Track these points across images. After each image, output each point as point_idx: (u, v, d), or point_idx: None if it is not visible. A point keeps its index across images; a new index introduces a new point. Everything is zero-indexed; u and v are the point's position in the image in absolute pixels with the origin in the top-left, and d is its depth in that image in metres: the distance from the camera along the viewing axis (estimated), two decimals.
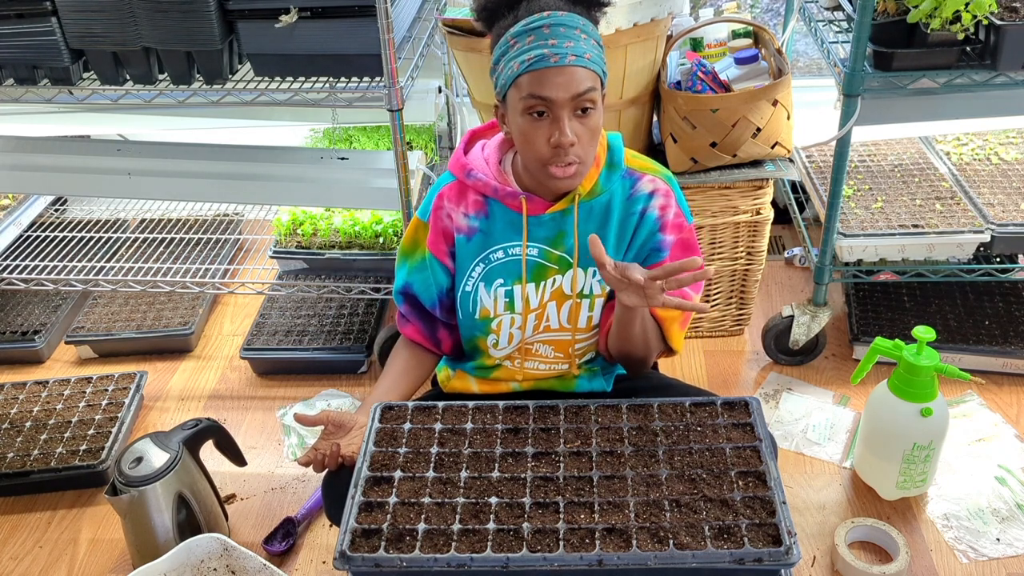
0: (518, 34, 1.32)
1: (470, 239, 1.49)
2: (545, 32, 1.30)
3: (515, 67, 1.31)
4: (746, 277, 2.31)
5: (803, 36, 2.94)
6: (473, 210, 1.48)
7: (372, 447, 1.35)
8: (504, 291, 1.49)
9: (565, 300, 1.50)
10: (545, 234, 1.46)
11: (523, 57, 1.30)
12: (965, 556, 1.74)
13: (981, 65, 1.85)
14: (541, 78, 1.30)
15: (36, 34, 1.89)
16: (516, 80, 1.32)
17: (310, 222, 2.59)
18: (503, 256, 1.48)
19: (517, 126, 1.35)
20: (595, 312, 1.51)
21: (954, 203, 2.23)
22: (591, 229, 1.46)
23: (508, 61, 1.32)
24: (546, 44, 1.30)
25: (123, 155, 2.34)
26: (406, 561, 1.17)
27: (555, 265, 1.48)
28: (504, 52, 1.33)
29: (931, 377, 1.73)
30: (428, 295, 1.55)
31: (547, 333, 1.54)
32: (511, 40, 1.32)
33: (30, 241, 2.70)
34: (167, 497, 1.72)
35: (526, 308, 1.50)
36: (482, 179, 1.46)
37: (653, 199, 1.46)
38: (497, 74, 1.36)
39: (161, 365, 2.45)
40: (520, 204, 1.44)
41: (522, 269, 1.48)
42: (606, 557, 1.16)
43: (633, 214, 1.47)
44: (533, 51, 1.30)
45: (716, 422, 1.37)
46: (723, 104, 2.02)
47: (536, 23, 1.31)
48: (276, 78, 1.99)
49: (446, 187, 1.51)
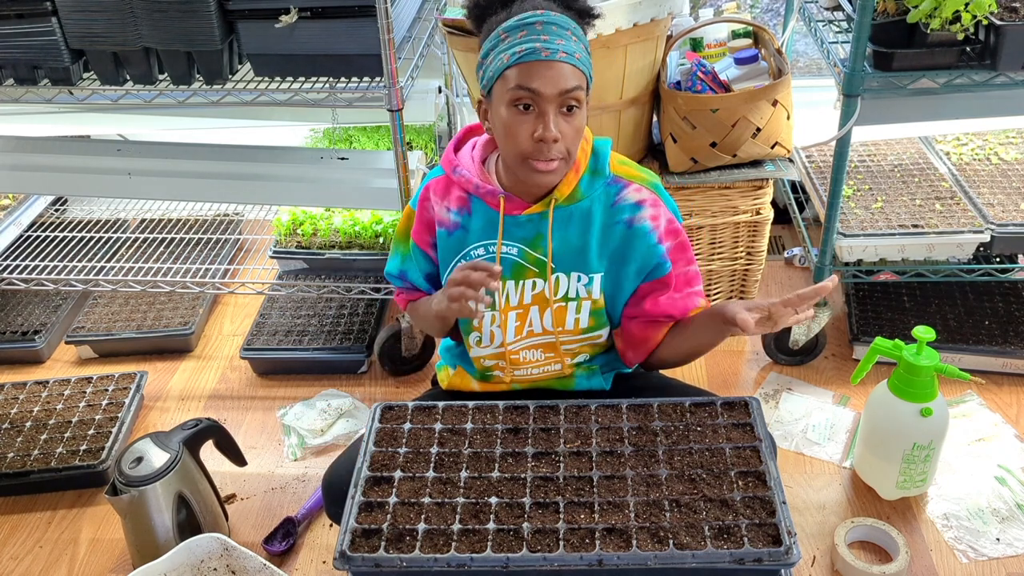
0: (510, 28, 1.32)
1: (451, 234, 1.50)
2: (538, 28, 1.31)
3: (504, 59, 1.31)
4: (746, 277, 2.31)
5: (803, 36, 2.94)
6: (456, 205, 1.49)
7: (372, 447, 1.35)
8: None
9: (547, 306, 1.50)
10: (523, 235, 1.46)
11: (514, 49, 1.31)
12: (965, 556, 1.74)
13: (981, 65, 1.85)
14: (530, 70, 1.30)
15: (36, 34, 1.89)
16: (504, 72, 1.32)
17: (310, 222, 2.59)
18: (484, 253, 1.49)
19: (501, 119, 1.34)
20: (583, 315, 1.51)
21: (954, 203, 2.23)
22: (571, 235, 1.45)
23: (498, 54, 1.33)
24: (538, 39, 1.30)
25: (123, 155, 2.34)
26: (406, 561, 1.17)
27: (533, 267, 1.48)
28: (494, 45, 1.34)
29: (931, 377, 1.73)
30: (420, 281, 1.60)
31: (530, 338, 1.54)
32: (502, 34, 1.33)
33: (30, 241, 2.70)
34: (167, 497, 1.72)
35: (507, 306, 1.50)
36: (465, 175, 1.47)
37: (641, 210, 1.44)
38: (484, 68, 1.36)
39: (161, 365, 2.45)
40: (499, 203, 1.45)
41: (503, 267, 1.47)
42: (606, 557, 1.16)
43: (618, 222, 1.45)
44: (524, 44, 1.30)
45: (716, 422, 1.37)
46: (723, 104, 2.02)
47: (530, 19, 1.31)
48: (276, 78, 1.99)
49: (433, 180, 1.53)
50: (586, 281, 1.48)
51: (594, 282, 1.48)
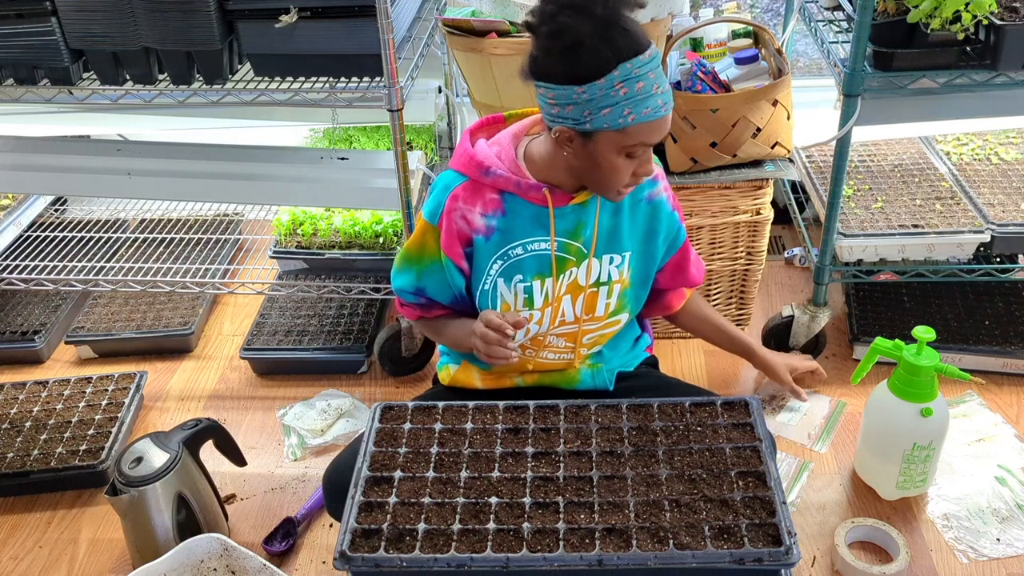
0: (627, 79, 1.27)
1: (488, 239, 1.47)
2: (652, 78, 1.28)
3: (629, 118, 1.29)
4: (746, 277, 2.31)
5: (803, 36, 2.94)
6: (490, 209, 1.46)
7: (372, 447, 1.35)
8: (523, 287, 1.50)
9: (579, 292, 1.51)
10: (565, 226, 1.47)
11: (639, 110, 1.28)
12: (965, 556, 1.74)
13: (981, 65, 1.85)
14: (653, 128, 1.32)
15: (36, 34, 1.89)
16: (626, 128, 1.30)
17: (310, 222, 2.59)
18: (522, 252, 1.48)
19: (606, 161, 1.34)
20: (613, 299, 1.54)
21: (954, 203, 2.23)
22: (605, 217, 1.49)
23: (618, 108, 1.28)
24: (657, 94, 1.29)
25: (123, 155, 2.34)
26: (406, 561, 1.17)
27: (573, 257, 1.49)
28: (606, 94, 1.28)
29: (931, 377, 1.73)
30: (444, 296, 1.55)
31: (562, 327, 1.56)
32: (618, 84, 1.27)
33: (30, 241, 2.70)
34: (167, 497, 1.72)
35: (545, 303, 1.51)
36: (503, 175, 1.44)
37: (657, 184, 1.53)
38: (589, 112, 1.30)
39: (161, 365, 2.45)
40: (543, 197, 1.43)
41: (540, 264, 1.49)
42: (606, 557, 1.16)
43: (640, 200, 1.52)
44: (647, 103, 1.28)
45: (716, 422, 1.37)
46: (723, 104, 2.02)
47: (644, 68, 1.27)
48: (276, 78, 1.99)
49: (459, 187, 1.47)
50: (618, 262, 1.52)
51: (625, 261, 1.52)
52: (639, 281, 1.57)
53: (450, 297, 1.55)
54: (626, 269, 1.52)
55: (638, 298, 1.60)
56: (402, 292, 1.59)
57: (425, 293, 1.56)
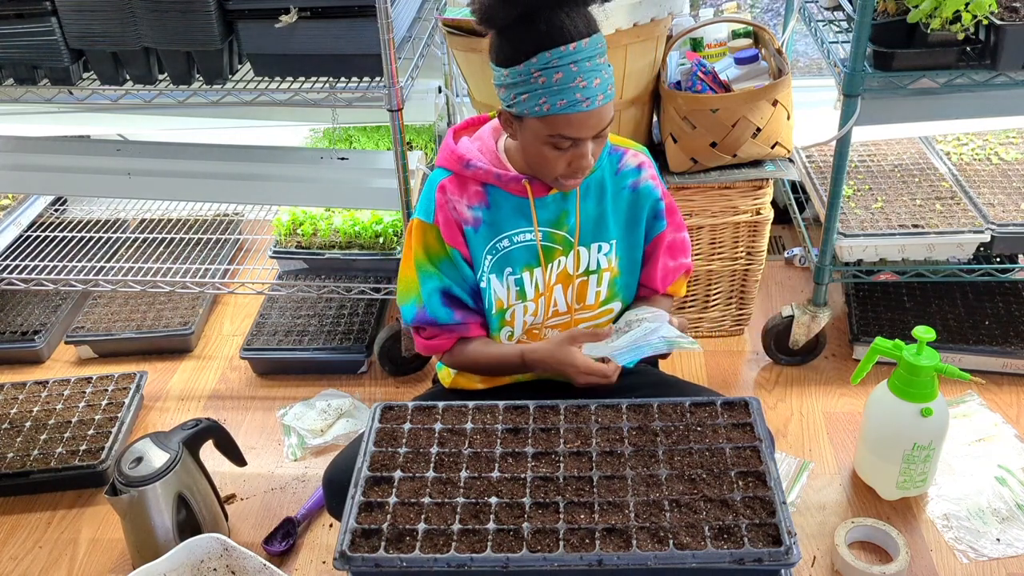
0: (544, 68, 1.28)
1: (477, 230, 1.48)
2: (573, 71, 1.28)
3: (544, 107, 1.29)
4: (746, 277, 2.31)
5: (803, 36, 2.94)
6: (475, 201, 1.48)
7: (372, 447, 1.35)
8: (514, 279, 1.50)
9: (569, 282, 1.52)
10: (548, 216, 1.48)
11: (554, 101, 1.28)
12: (965, 556, 1.74)
13: (981, 65, 1.85)
14: (571, 121, 1.30)
15: (36, 34, 1.89)
16: (543, 116, 1.31)
17: (310, 222, 2.58)
18: (509, 244, 1.49)
19: (535, 148, 1.36)
20: (603, 288, 1.54)
21: (954, 203, 2.23)
22: (590, 206, 1.50)
23: (535, 96, 1.29)
24: (577, 87, 1.28)
25: (123, 155, 2.34)
26: (406, 561, 1.17)
27: (559, 246, 1.50)
28: (525, 80, 1.29)
29: (931, 377, 1.73)
30: (465, 288, 1.51)
31: (555, 318, 1.57)
32: (535, 72, 1.28)
33: (30, 241, 2.70)
34: (167, 497, 1.72)
35: (537, 294, 1.51)
36: (482, 167, 1.45)
37: (642, 172, 1.53)
38: (514, 96, 1.32)
39: (161, 365, 2.45)
40: (523, 188, 1.45)
41: (527, 255, 1.49)
42: (606, 557, 1.15)
43: (624, 188, 1.52)
44: (564, 95, 1.28)
45: (716, 422, 1.37)
46: (723, 104, 2.02)
47: (564, 59, 1.27)
48: (276, 78, 1.99)
49: (444, 181, 1.48)
50: (606, 250, 1.52)
51: (612, 249, 1.53)
52: (627, 269, 1.57)
53: (468, 289, 1.50)
54: (614, 257, 1.53)
55: (628, 287, 1.59)
56: (432, 308, 1.49)
57: (453, 291, 1.50)
